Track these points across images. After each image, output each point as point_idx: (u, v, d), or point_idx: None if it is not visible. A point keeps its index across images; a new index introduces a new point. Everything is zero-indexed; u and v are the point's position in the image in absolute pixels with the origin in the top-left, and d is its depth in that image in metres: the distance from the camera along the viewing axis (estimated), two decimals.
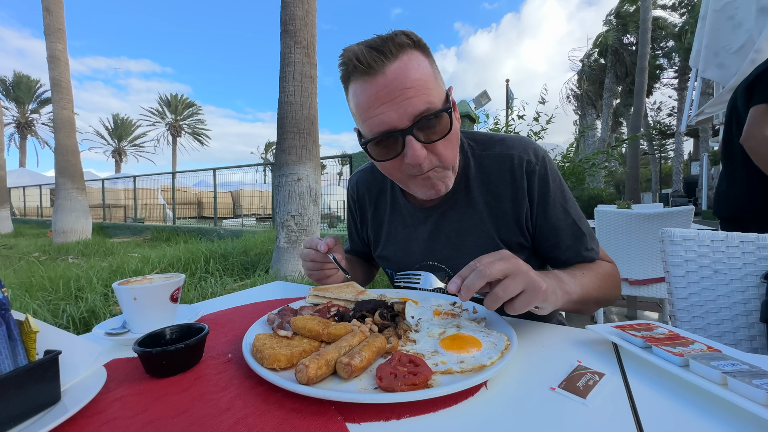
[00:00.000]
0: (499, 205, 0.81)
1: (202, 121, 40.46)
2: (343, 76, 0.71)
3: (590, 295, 0.71)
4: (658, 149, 27.74)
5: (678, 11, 20.37)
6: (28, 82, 30.97)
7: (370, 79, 0.65)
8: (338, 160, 10.28)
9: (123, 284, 0.63)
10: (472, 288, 0.53)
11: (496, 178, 0.81)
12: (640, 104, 12.92)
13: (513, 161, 0.79)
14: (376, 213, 0.98)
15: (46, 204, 16.06)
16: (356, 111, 0.70)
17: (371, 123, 0.67)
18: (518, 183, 0.79)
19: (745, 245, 0.89)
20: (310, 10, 3.95)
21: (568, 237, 0.81)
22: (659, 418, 0.39)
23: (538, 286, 0.54)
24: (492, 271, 0.53)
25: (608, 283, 0.78)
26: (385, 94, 0.64)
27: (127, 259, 4.54)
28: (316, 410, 0.41)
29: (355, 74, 0.67)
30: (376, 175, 0.98)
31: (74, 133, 8.20)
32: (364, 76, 0.66)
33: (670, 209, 2.16)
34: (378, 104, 0.65)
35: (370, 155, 0.73)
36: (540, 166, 0.79)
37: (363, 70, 0.65)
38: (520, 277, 0.54)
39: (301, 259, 0.86)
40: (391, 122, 0.65)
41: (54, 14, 7.76)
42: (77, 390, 0.44)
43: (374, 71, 0.64)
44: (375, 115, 0.66)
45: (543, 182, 0.79)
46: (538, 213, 0.80)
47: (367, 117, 0.67)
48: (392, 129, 0.66)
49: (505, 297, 0.53)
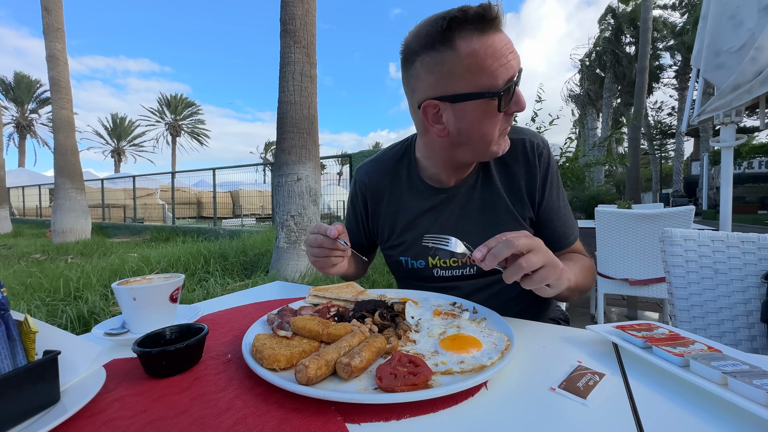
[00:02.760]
0: (514, 182, 0.89)
1: (202, 121, 40.47)
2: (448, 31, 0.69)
3: (577, 284, 0.78)
4: (659, 149, 27.76)
5: (678, 11, 20.37)
6: (28, 82, 30.96)
7: (499, 32, 0.70)
8: (338, 160, 10.28)
9: (122, 284, 0.63)
10: (499, 256, 0.56)
11: (510, 159, 0.88)
12: (640, 104, 12.92)
13: (525, 144, 0.88)
14: (391, 200, 0.98)
15: (45, 204, 16.05)
16: (481, 62, 0.69)
17: (504, 70, 0.70)
18: (531, 162, 0.88)
19: (745, 245, 0.89)
20: (310, 9, 3.95)
21: (559, 218, 0.90)
22: (659, 419, 0.39)
23: (557, 263, 0.59)
24: (519, 243, 0.57)
25: (588, 275, 0.86)
26: (510, 45, 0.71)
27: (126, 259, 4.53)
28: (316, 410, 0.41)
29: (482, 26, 0.69)
30: (387, 163, 0.99)
31: (73, 132, 8.19)
32: (495, 28, 0.69)
33: (670, 209, 2.16)
34: (508, 53, 0.70)
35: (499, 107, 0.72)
36: (546, 150, 0.89)
37: (498, 22, 0.69)
38: (542, 253, 0.58)
39: (307, 245, 0.83)
40: (515, 70, 0.71)
41: (53, 14, 7.75)
42: (77, 390, 0.44)
43: (501, 24, 0.70)
44: (507, 62, 0.70)
45: (547, 165, 0.89)
46: (541, 191, 0.88)
47: (499, 65, 0.70)
48: (515, 76, 0.71)
49: (528, 269, 0.56)
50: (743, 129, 18.48)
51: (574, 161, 5.86)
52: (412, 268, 0.95)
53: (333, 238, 0.78)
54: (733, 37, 1.99)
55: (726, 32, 2.02)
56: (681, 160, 21.72)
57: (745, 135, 2.47)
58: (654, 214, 2.17)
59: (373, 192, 1.00)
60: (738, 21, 1.97)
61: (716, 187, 16.28)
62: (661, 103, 27.02)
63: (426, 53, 0.72)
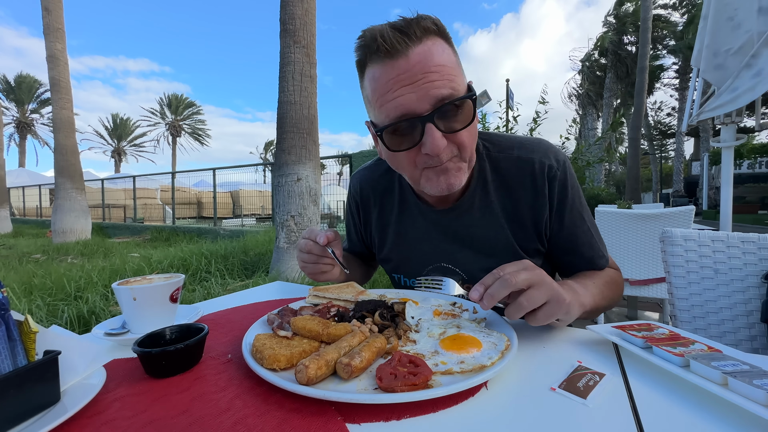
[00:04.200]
0: (517, 210, 0.79)
1: (202, 121, 40.50)
2: (360, 59, 0.67)
3: (598, 304, 0.71)
4: (659, 149, 27.76)
5: (679, 10, 20.38)
6: (28, 82, 30.98)
7: (392, 62, 0.61)
8: (338, 160, 10.29)
9: (122, 284, 0.63)
10: (496, 296, 0.52)
11: (515, 183, 0.78)
12: (640, 104, 12.91)
13: (534, 165, 0.77)
14: (382, 213, 0.94)
15: (45, 204, 16.05)
16: (372, 96, 0.66)
17: (389, 107, 0.63)
18: (539, 189, 0.77)
19: (745, 245, 0.89)
20: (310, 9, 3.95)
21: (584, 243, 0.80)
22: (660, 419, 0.39)
23: (562, 298, 0.55)
24: (517, 280, 0.52)
25: (613, 291, 0.78)
26: (406, 77, 0.61)
27: (127, 260, 4.54)
28: (316, 410, 0.41)
29: (376, 56, 0.63)
30: (381, 173, 0.94)
31: (74, 133, 8.20)
32: (385, 58, 0.62)
33: (670, 209, 2.16)
34: (398, 86, 0.61)
35: (385, 145, 0.68)
36: (561, 171, 0.77)
37: (386, 50, 0.61)
38: (544, 288, 0.54)
39: (297, 250, 0.82)
40: (411, 106, 0.61)
41: (53, 14, 7.75)
42: (77, 390, 0.44)
43: (397, 53, 0.61)
44: (393, 98, 0.62)
45: (563, 188, 0.77)
46: (557, 218, 0.78)
47: (384, 101, 0.63)
48: (411, 113, 0.62)
49: (530, 307, 0.53)
50: (743, 129, 18.46)
51: (573, 161, 5.86)
52: (405, 285, 0.94)
53: (322, 246, 0.76)
54: (732, 39, 1.99)
55: (725, 33, 2.02)
56: (681, 160, 21.73)
57: (745, 135, 2.47)
58: (654, 214, 2.17)
59: (364, 201, 0.97)
60: (736, 23, 1.97)
61: (716, 187, 16.28)
62: (661, 103, 27.04)
63: (358, 73, 0.71)
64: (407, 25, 0.62)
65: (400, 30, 0.61)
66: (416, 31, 0.61)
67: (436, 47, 0.63)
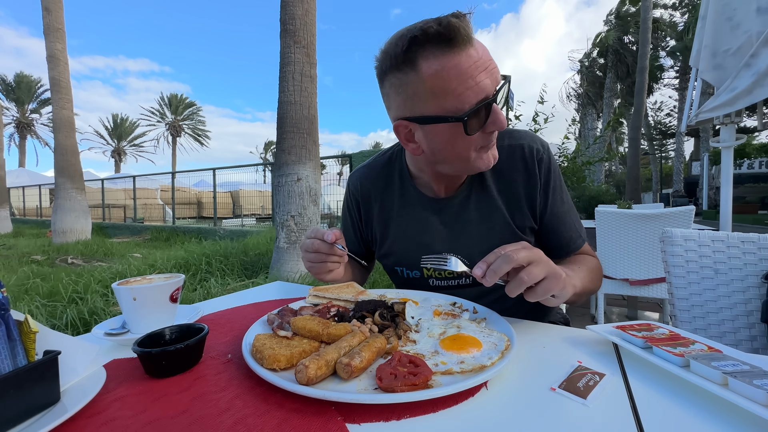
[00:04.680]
0: (512, 192, 0.85)
1: (202, 121, 40.49)
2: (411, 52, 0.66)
3: (585, 287, 0.76)
4: (659, 149, 27.76)
5: (679, 11, 20.39)
6: (28, 82, 30.98)
7: (466, 51, 0.65)
8: (338, 160, 10.28)
9: (122, 284, 0.63)
10: (498, 272, 0.55)
11: (508, 167, 0.85)
12: (640, 104, 12.90)
13: (524, 150, 0.85)
14: (383, 208, 0.96)
15: (45, 204, 16.05)
16: (445, 85, 0.66)
17: (471, 93, 0.66)
18: (530, 169, 0.84)
19: (745, 245, 0.89)
20: (310, 9, 3.95)
21: (564, 223, 0.88)
22: (660, 419, 0.39)
23: (559, 274, 0.58)
24: (518, 257, 0.56)
25: (596, 276, 0.84)
26: (481, 63, 0.66)
27: (129, 261, 4.53)
28: (316, 410, 0.41)
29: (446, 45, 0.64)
30: (379, 169, 0.97)
31: (74, 133, 8.20)
32: (461, 46, 0.64)
33: (670, 209, 2.16)
34: (478, 73, 0.66)
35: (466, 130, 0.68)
36: (546, 155, 0.85)
37: (463, 39, 0.64)
38: (543, 264, 0.57)
39: (303, 250, 0.81)
40: (487, 90, 0.67)
41: (53, 14, 7.75)
42: (77, 390, 0.44)
43: (471, 41, 0.66)
44: (476, 84, 0.65)
45: (548, 170, 0.85)
46: (543, 198, 0.85)
47: (465, 87, 0.65)
48: (487, 97, 0.67)
49: (530, 282, 0.56)
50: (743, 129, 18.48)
51: (573, 161, 5.87)
52: (407, 277, 0.94)
53: (330, 243, 0.76)
54: (731, 39, 1.99)
55: (724, 34, 2.02)
56: (681, 160, 21.74)
57: (745, 135, 2.47)
58: (654, 214, 2.18)
59: (365, 198, 0.99)
60: (735, 23, 1.97)
61: (716, 187, 16.28)
62: (661, 103, 27.03)
63: (392, 73, 0.70)
64: (462, 17, 0.66)
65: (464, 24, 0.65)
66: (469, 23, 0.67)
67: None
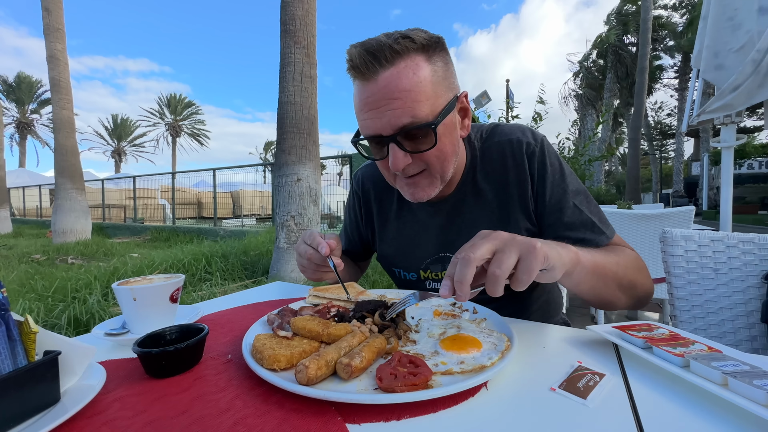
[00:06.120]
0: (504, 191, 0.82)
1: (202, 122, 40.50)
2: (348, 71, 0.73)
3: (607, 268, 0.65)
4: (659, 149, 27.76)
5: (679, 11, 20.40)
6: (28, 82, 30.99)
7: (362, 83, 0.67)
8: (338, 160, 10.29)
9: (122, 284, 0.63)
10: (464, 281, 0.47)
11: (500, 165, 0.82)
12: (640, 104, 12.91)
13: (512, 145, 0.81)
14: (381, 209, 0.98)
15: (45, 204, 16.05)
16: (354, 108, 0.73)
17: (361, 125, 0.71)
18: (520, 164, 0.80)
19: (745, 245, 0.89)
20: (310, 9, 3.95)
21: (572, 223, 0.78)
22: (660, 419, 0.39)
23: (532, 245, 0.49)
24: (477, 252, 0.48)
25: (630, 264, 0.72)
26: (372, 101, 0.66)
27: (127, 260, 4.53)
28: (316, 411, 0.41)
29: (353, 73, 0.69)
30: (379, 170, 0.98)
31: (74, 133, 8.20)
32: (358, 79, 0.68)
33: (670, 209, 2.16)
34: (366, 109, 0.67)
35: (362, 154, 0.78)
36: (538, 148, 0.80)
37: (359, 71, 0.66)
38: (510, 245, 0.49)
39: (297, 253, 0.83)
40: (376, 129, 0.68)
41: (53, 14, 7.75)
42: (77, 390, 0.44)
43: (366, 77, 0.66)
44: (363, 119, 0.69)
45: (541, 164, 0.79)
46: (540, 195, 0.80)
47: (359, 118, 0.71)
48: (377, 135, 0.69)
49: (504, 272, 0.47)
50: (743, 129, 18.49)
51: (573, 160, 5.86)
52: (404, 279, 0.95)
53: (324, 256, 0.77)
54: (732, 39, 1.99)
55: (725, 33, 2.02)
56: (681, 161, 21.74)
57: (746, 135, 2.47)
58: (654, 214, 2.17)
59: (366, 196, 1.01)
60: (736, 23, 1.97)
61: (716, 187, 16.28)
62: (661, 104, 27.05)
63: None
64: (379, 48, 0.64)
65: (372, 54, 0.64)
66: (387, 55, 0.64)
67: (407, 70, 0.64)
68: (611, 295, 0.70)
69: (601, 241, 0.77)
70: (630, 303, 0.75)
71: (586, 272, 0.62)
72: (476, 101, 7.16)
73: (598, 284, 0.66)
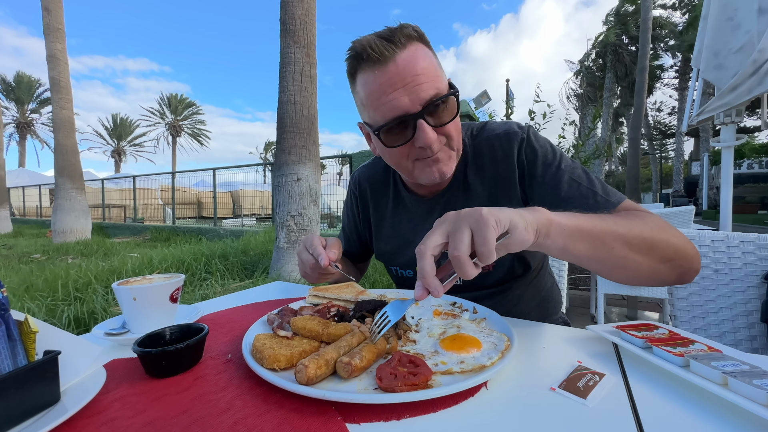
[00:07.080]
0: (496, 185, 0.83)
1: (202, 122, 40.50)
2: (350, 68, 0.74)
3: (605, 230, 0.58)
4: (659, 149, 27.76)
5: (679, 11, 20.40)
6: (28, 81, 30.98)
7: (383, 67, 0.68)
8: (338, 160, 10.28)
9: (122, 284, 0.63)
10: (425, 275, 0.46)
11: (489, 159, 0.84)
12: (640, 104, 12.89)
13: (501, 138, 0.83)
14: (377, 208, 0.99)
15: (45, 204, 16.05)
16: (367, 100, 0.72)
17: (384, 109, 0.69)
18: (509, 156, 0.81)
19: (745, 245, 0.89)
20: (310, 9, 3.94)
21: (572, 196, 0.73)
22: (660, 419, 0.39)
23: (478, 213, 0.47)
24: (427, 243, 0.47)
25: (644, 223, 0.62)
26: (398, 80, 0.67)
27: (127, 260, 4.53)
28: (316, 410, 0.41)
29: (366, 64, 0.69)
30: (378, 170, 1.00)
31: (73, 133, 8.20)
32: (376, 65, 0.68)
33: (670, 209, 2.16)
34: (391, 90, 0.68)
35: (382, 142, 0.74)
36: (525, 135, 0.81)
37: (376, 58, 0.67)
38: (457, 223, 0.47)
39: (298, 258, 0.83)
40: (404, 107, 0.68)
41: (53, 14, 7.75)
42: (77, 390, 0.44)
43: (386, 59, 0.67)
44: (388, 101, 0.68)
45: (530, 148, 0.80)
46: (532, 173, 0.78)
47: (379, 104, 0.70)
48: (405, 114, 0.69)
49: (463, 252, 0.45)
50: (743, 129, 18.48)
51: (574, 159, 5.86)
52: (402, 276, 0.96)
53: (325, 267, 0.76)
54: (732, 39, 1.99)
55: (725, 33, 2.02)
56: (681, 160, 21.73)
57: (746, 135, 2.47)
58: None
59: (363, 195, 1.03)
60: (736, 23, 1.97)
61: (716, 187, 16.28)
62: (661, 103, 27.06)
63: (351, 80, 0.77)
64: (392, 33, 0.69)
65: (386, 39, 0.68)
66: (401, 39, 0.68)
67: (419, 52, 0.70)
68: (624, 259, 0.60)
69: (606, 208, 0.69)
70: (664, 269, 0.62)
71: (568, 234, 0.55)
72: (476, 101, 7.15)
73: (596, 248, 0.58)
